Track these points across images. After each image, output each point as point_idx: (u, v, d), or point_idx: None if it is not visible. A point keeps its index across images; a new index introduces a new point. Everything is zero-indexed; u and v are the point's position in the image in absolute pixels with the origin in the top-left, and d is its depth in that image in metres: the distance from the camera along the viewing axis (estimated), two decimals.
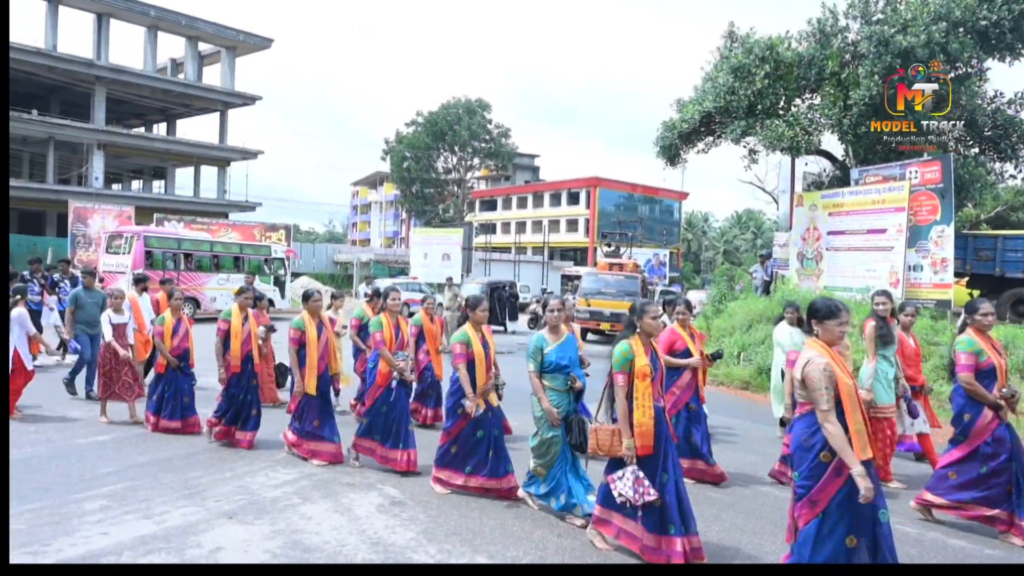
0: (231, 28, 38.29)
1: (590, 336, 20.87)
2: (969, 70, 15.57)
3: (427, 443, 6.71)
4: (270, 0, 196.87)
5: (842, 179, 17.66)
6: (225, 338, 7.08)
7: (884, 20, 15.11)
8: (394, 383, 6.36)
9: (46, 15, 33.11)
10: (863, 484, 3.49)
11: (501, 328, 22.96)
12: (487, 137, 52.76)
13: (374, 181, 79.50)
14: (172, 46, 39.78)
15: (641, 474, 4.37)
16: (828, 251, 15.29)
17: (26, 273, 12.70)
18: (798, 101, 17.07)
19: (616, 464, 4.54)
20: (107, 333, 8.10)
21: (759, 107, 16.27)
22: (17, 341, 7.70)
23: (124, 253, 20.54)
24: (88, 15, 34.96)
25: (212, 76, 40.47)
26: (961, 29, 14.75)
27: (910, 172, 14.27)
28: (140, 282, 9.88)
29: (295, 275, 31.67)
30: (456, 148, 52.75)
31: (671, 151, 18.66)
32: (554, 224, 56.90)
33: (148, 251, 20.75)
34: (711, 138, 18.66)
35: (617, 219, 45.35)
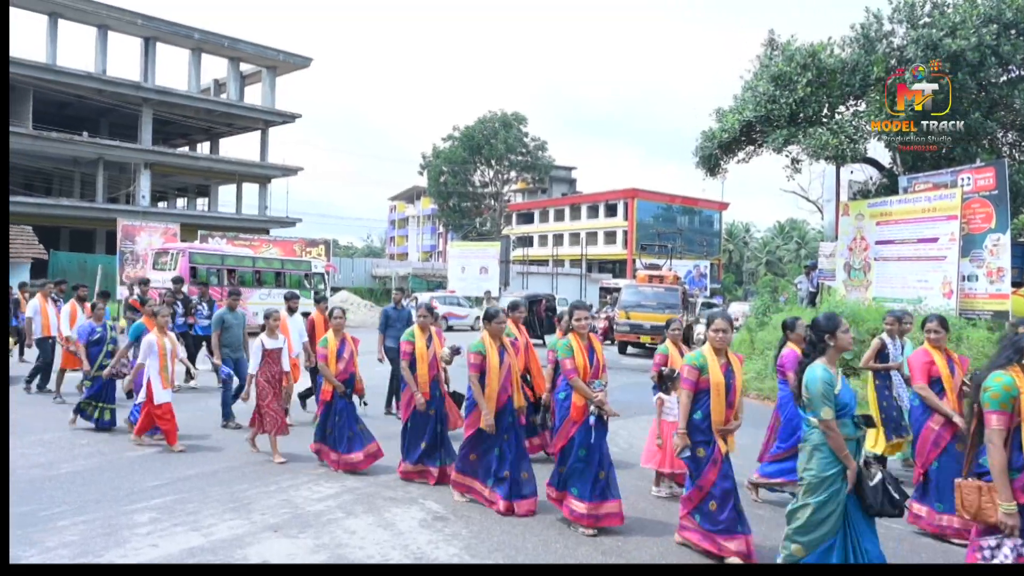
0: (272, 48, 39.13)
1: (630, 350, 20.67)
2: (1022, 73, 15.10)
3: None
4: (309, 20, 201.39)
5: (890, 187, 17.20)
6: (410, 361, 6.51)
7: (931, 23, 14.73)
8: (591, 419, 5.29)
9: (96, 41, 34.28)
10: None
11: (540, 342, 22.88)
12: (523, 150, 52.83)
13: (411, 195, 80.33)
14: (215, 67, 40.88)
15: None
16: (876, 261, 14.87)
17: (193, 294, 11.73)
18: (842, 108, 16.70)
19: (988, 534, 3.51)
20: (254, 363, 7.28)
21: (801, 115, 15.96)
22: (149, 370, 7.38)
23: (170, 269, 21.01)
24: (135, 40, 36.11)
25: (253, 95, 41.44)
26: (1013, 31, 14.33)
27: (962, 179, 13.82)
28: (291, 299, 9.22)
29: (335, 289, 32.04)
30: (493, 162, 52.91)
31: (711, 161, 18.42)
32: (592, 236, 56.64)
33: (193, 267, 21.21)
34: (752, 147, 18.37)
35: (656, 230, 45.09)
